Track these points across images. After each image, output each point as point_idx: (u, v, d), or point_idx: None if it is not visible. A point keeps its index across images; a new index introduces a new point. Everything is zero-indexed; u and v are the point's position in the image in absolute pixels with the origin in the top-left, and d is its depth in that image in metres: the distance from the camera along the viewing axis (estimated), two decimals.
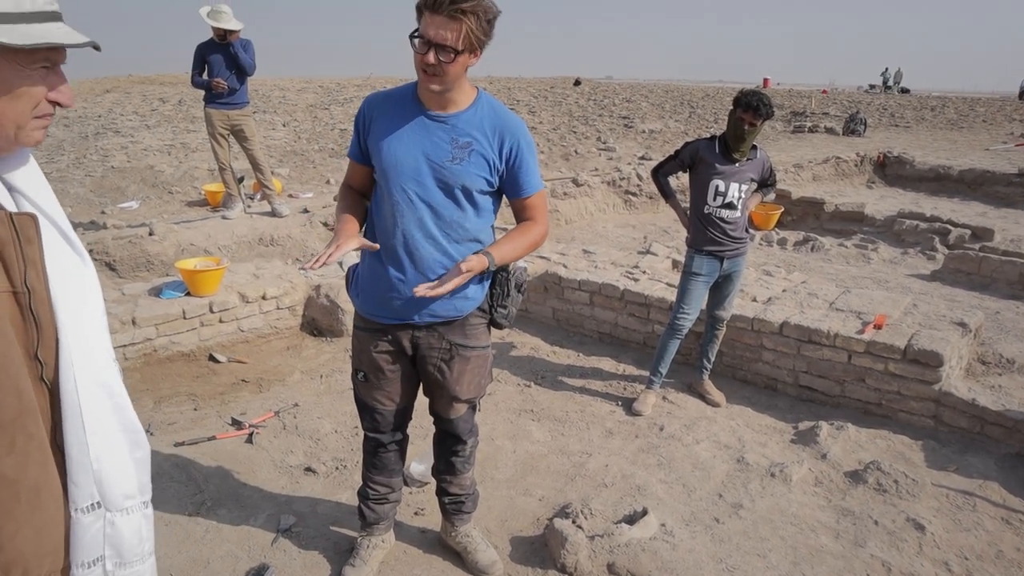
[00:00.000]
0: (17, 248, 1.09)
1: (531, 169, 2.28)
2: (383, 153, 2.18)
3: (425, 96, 2.17)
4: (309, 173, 10.36)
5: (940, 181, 11.25)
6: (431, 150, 2.16)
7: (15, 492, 1.10)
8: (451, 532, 2.82)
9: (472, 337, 2.41)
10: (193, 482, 3.31)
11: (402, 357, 2.43)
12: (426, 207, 2.19)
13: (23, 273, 1.09)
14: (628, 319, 5.08)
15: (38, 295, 1.12)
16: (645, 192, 9.77)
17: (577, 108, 20.81)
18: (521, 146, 2.23)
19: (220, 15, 6.67)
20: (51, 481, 1.16)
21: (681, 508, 3.22)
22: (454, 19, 1.94)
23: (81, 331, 1.18)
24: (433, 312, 2.31)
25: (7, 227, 1.08)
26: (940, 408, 3.93)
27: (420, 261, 2.23)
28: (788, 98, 26.77)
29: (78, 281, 1.20)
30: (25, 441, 1.11)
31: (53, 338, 1.14)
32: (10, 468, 1.09)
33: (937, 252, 7.51)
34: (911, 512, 3.18)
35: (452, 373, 2.41)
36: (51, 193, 1.21)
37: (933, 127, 19.13)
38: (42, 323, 1.12)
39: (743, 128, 3.74)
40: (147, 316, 4.50)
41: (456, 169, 2.17)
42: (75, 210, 8.04)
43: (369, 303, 2.36)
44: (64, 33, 1.12)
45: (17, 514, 1.11)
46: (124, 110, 16.53)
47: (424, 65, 2.01)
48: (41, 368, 1.13)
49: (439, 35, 1.95)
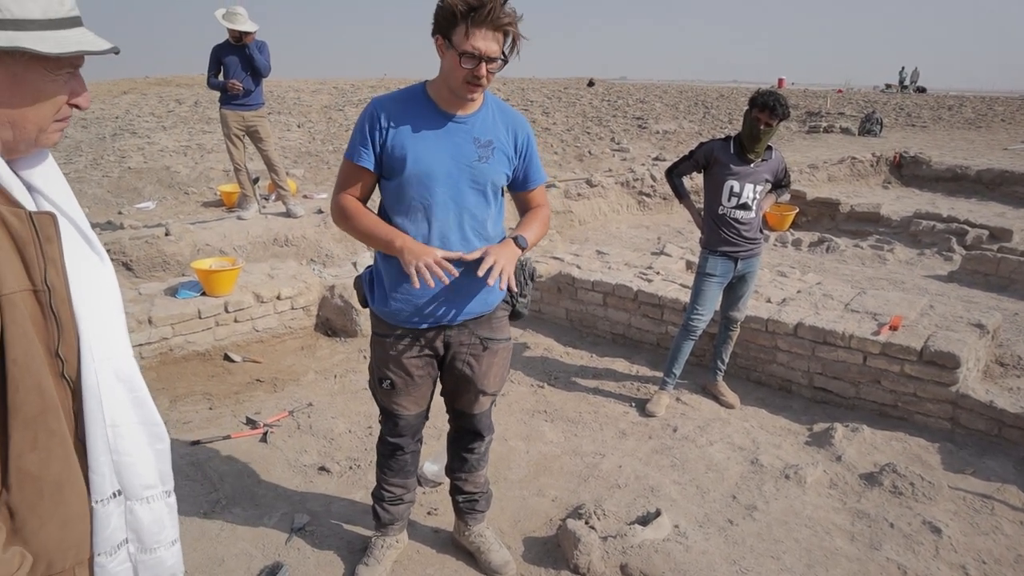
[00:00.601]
0: (37, 247, 1.10)
1: (538, 161, 2.40)
2: (412, 159, 2.15)
3: (443, 99, 2.17)
4: (323, 174, 10.40)
5: (957, 181, 11.15)
6: (459, 153, 2.19)
7: (39, 488, 1.12)
8: (464, 532, 2.83)
9: (498, 329, 2.46)
10: (208, 480, 3.33)
11: (433, 360, 2.45)
12: (463, 209, 2.23)
13: (43, 271, 1.10)
14: (641, 320, 5.07)
15: (58, 293, 1.13)
16: (659, 193, 9.75)
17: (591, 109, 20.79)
18: (530, 140, 2.34)
19: (235, 17, 6.72)
20: (74, 476, 1.18)
21: (695, 509, 3.21)
22: (500, 30, 2.00)
23: (101, 327, 1.20)
24: (469, 310, 2.34)
25: (27, 226, 1.09)
26: (957, 410, 3.89)
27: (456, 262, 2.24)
28: (803, 98, 26.60)
29: (97, 279, 1.22)
30: (47, 437, 1.12)
31: (73, 335, 1.16)
32: (33, 464, 1.11)
33: (954, 253, 7.45)
34: (927, 515, 3.15)
35: (481, 367, 2.45)
36: (70, 192, 1.23)
37: (950, 127, 18.97)
38: (62, 321, 1.14)
39: (759, 128, 3.72)
40: (163, 316, 4.53)
41: (484, 168, 2.21)
42: (92, 210, 8.12)
43: (404, 311, 2.31)
44: (92, 40, 1.14)
45: (41, 509, 1.13)
46: (141, 111, 16.67)
47: (474, 77, 2.04)
48: (62, 365, 1.15)
49: (489, 48, 2.00)
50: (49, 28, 1.08)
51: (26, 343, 1.08)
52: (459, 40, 1.99)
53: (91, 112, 15.64)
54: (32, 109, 1.12)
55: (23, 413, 1.09)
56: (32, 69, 1.10)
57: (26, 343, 1.08)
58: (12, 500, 1.10)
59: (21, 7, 1.05)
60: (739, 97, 26.55)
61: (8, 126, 1.11)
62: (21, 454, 1.10)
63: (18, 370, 1.07)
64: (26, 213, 1.09)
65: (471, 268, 2.23)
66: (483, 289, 2.32)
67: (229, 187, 8.41)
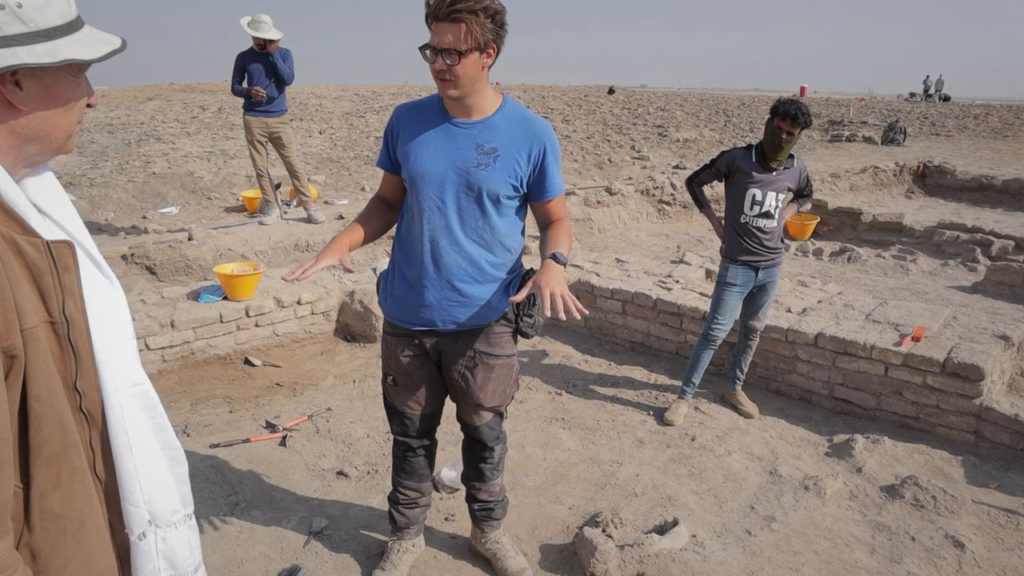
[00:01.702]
0: (55, 277, 1.06)
1: (556, 172, 2.30)
2: (410, 161, 2.22)
3: (449, 104, 2.19)
4: (344, 180, 10.47)
5: (983, 191, 11.00)
6: (456, 157, 2.18)
7: (62, 527, 1.09)
8: (481, 538, 2.83)
9: (496, 346, 2.42)
10: (228, 483, 3.36)
11: (428, 362, 2.45)
12: (453, 214, 2.22)
13: (61, 303, 1.07)
14: (660, 328, 5.05)
15: (77, 325, 1.09)
16: (679, 201, 9.72)
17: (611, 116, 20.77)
18: (547, 150, 2.24)
19: (260, 25, 6.80)
20: (95, 513, 1.15)
21: (712, 519, 3.19)
22: (454, 22, 1.97)
23: (118, 356, 1.16)
24: (456, 319, 2.32)
25: (44, 255, 1.05)
26: (981, 423, 3.84)
27: (445, 268, 2.25)
28: (826, 107, 26.43)
29: (110, 305, 1.18)
30: (70, 475, 1.09)
31: (91, 368, 1.12)
32: (57, 503, 1.08)
33: (979, 264, 7.35)
34: (950, 529, 3.11)
35: (476, 381, 2.43)
36: (75, 212, 1.19)
37: (976, 136, 18.74)
38: (80, 353, 1.10)
39: (780, 137, 3.70)
40: (185, 319, 4.59)
41: (482, 175, 2.18)
42: (117, 215, 8.23)
43: (396, 308, 2.39)
44: (106, 36, 1.13)
45: (64, 549, 1.10)
46: (166, 117, 16.88)
47: (435, 72, 2.05)
48: (80, 399, 1.11)
49: (442, 40, 1.99)
50: (70, 32, 1.06)
51: (48, 378, 1.04)
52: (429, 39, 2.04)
53: (117, 118, 15.87)
54: (63, 117, 1.10)
55: (46, 451, 1.05)
56: (61, 77, 1.08)
57: (48, 378, 1.04)
58: (35, 541, 1.07)
59: (44, 17, 1.03)
60: (760, 105, 26.42)
61: (36, 140, 1.09)
62: (44, 493, 1.06)
63: (41, 407, 1.03)
64: (43, 242, 1.05)
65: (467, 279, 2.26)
66: (480, 303, 2.31)
67: (251, 192, 8.50)
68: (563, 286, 2.03)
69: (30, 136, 1.07)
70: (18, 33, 1.00)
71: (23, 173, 1.11)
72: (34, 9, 1.01)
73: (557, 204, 2.36)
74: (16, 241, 1.02)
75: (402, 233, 2.36)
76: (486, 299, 2.31)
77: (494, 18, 2.02)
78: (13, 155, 1.07)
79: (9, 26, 0.99)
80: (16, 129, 1.06)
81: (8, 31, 0.99)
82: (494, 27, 2.03)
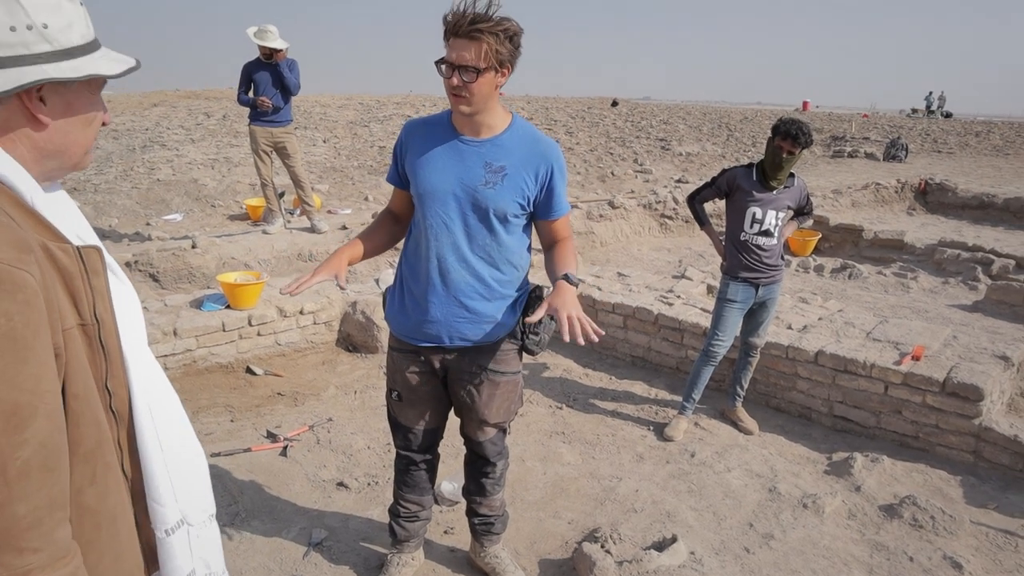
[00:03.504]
0: (85, 280, 1.11)
1: (562, 193, 2.33)
2: (418, 178, 2.24)
3: (459, 121, 2.21)
4: (348, 190, 10.51)
5: (984, 209, 11.04)
6: (464, 175, 2.20)
7: (97, 522, 1.12)
8: (480, 552, 2.84)
9: (503, 363, 2.43)
10: (228, 493, 3.37)
11: (433, 378, 2.46)
12: (460, 231, 2.24)
13: (92, 305, 1.12)
14: (661, 343, 5.07)
15: (107, 326, 1.15)
16: (681, 216, 9.74)
17: (614, 129, 20.84)
18: (554, 170, 2.26)
19: (266, 34, 6.86)
20: (125, 508, 1.19)
21: (711, 536, 3.20)
22: (473, 40, 1.99)
23: (143, 357, 1.22)
24: (464, 336, 2.34)
25: (75, 261, 1.10)
26: (980, 443, 3.85)
27: (453, 284, 2.27)
28: (828, 122, 26.51)
29: (128, 307, 1.23)
30: (104, 471, 1.13)
31: (120, 367, 1.17)
32: (92, 499, 1.11)
33: (979, 282, 7.36)
34: (948, 550, 3.12)
35: (482, 397, 2.44)
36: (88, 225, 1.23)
37: (977, 153, 18.79)
38: (110, 353, 1.15)
39: (781, 156, 3.73)
40: (188, 327, 4.61)
41: (489, 193, 2.20)
42: (122, 221, 8.26)
43: (403, 325, 2.40)
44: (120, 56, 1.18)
45: (98, 544, 1.13)
46: (170, 124, 16.95)
47: (450, 88, 2.06)
48: (110, 398, 1.16)
49: (460, 56, 2.01)
50: (89, 52, 1.12)
51: (84, 377, 1.09)
52: (446, 54, 2.06)
53: (122, 124, 15.93)
54: (82, 132, 1.15)
55: (83, 447, 1.09)
56: (81, 94, 1.13)
57: (84, 377, 1.09)
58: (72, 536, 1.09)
59: (67, 37, 1.08)
60: (763, 120, 26.50)
61: (56, 155, 1.13)
62: (81, 489, 1.10)
63: (79, 404, 1.08)
64: (73, 248, 1.10)
65: (474, 296, 2.28)
66: (488, 321, 2.33)
67: (255, 201, 8.53)
68: (578, 308, 2.05)
69: (51, 151, 1.12)
70: (44, 51, 1.05)
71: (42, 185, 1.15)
72: (58, 30, 1.07)
73: (562, 224, 2.38)
74: (49, 248, 1.06)
75: (409, 249, 2.38)
76: (493, 316, 2.33)
77: (512, 39, 2.05)
78: (36, 169, 1.11)
79: (36, 45, 1.05)
80: (39, 144, 1.11)
81: (35, 49, 1.05)
82: (511, 48, 2.06)
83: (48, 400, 0.99)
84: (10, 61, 1.03)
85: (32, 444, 0.96)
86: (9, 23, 1.02)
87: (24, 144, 1.09)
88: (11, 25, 1.02)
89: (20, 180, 1.07)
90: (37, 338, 0.97)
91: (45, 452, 0.98)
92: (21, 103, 1.06)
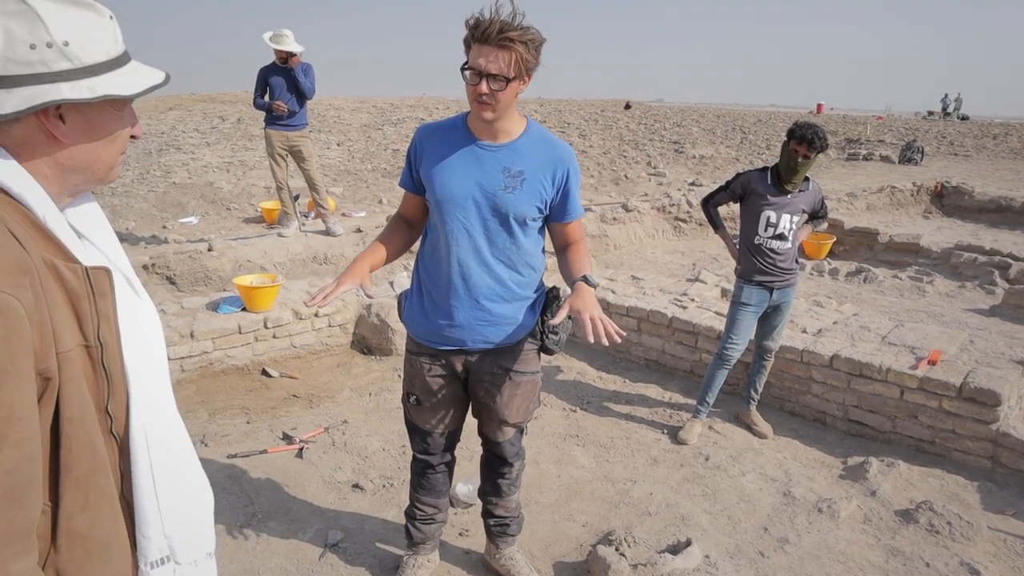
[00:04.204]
0: (91, 302, 1.09)
1: (577, 196, 2.36)
2: (436, 184, 2.23)
3: (476, 126, 2.22)
4: (362, 192, 10.57)
5: (1001, 212, 10.94)
6: (483, 180, 2.21)
7: (87, 549, 1.10)
8: (495, 554, 2.85)
9: (523, 363, 2.45)
10: (245, 494, 3.40)
11: (454, 381, 2.47)
12: (481, 236, 2.25)
13: (96, 327, 1.09)
14: (675, 347, 5.06)
15: (110, 349, 1.12)
16: (695, 219, 9.73)
17: (627, 132, 20.83)
18: (570, 174, 2.29)
19: (282, 38, 6.93)
20: (120, 535, 1.16)
21: (725, 540, 3.20)
22: (503, 48, 1.99)
23: (149, 383, 1.19)
24: (486, 338, 2.35)
25: (82, 281, 1.08)
26: (998, 449, 3.82)
27: (474, 288, 2.28)
28: (842, 124, 26.38)
29: (144, 330, 1.20)
30: (98, 497, 1.10)
31: (123, 391, 1.15)
32: (84, 524, 1.09)
33: (997, 286, 7.31)
34: (965, 556, 3.10)
35: (503, 397, 2.45)
36: (115, 238, 1.23)
37: (995, 156, 18.64)
38: (113, 377, 1.12)
39: (797, 160, 3.73)
40: (205, 330, 4.65)
41: (509, 198, 2.21)
42: (138, 224, 8.34)
43: (423, 329, 2.41)
44: (150, 71, 1.16)
45: (89, 570, 1.11)
46: (186, 127, 17.10)
47: (477, 95, 2.06)
48: (111, 421, 1.14)
49: (490, 65, 2.00)
50: (115, 68, 1.10)
51: (80, 400, 1.06)
52: (469, 59, 2.05)
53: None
54: (105, 149, 1.14)
55: (76, 472, 1.07)
56: (104, 111, 1.11)
57: (80, 400, 1.06)
58: (60, 561, 1.08)
59: (88, 54, 1.06)
60: (776, 122, 26.40)
61: (79, 170, 1.12)
62: (72, 515, 1.08)
63: (73, 428, 1.06)
64: (82, 268, 1.09)
65: (495, 298, 2.30)
66: (509, 322, 2.35)
67: (270, 204, 8.60)
68: (599, 309, 2.07)
69: (73, 167, 1.11)
70: (64, 69, 1.04)
71: (67, 201, 1.15)
72: (79, 47, 1.05)
73: (576, 226, 2.41)
74: (57, 266, 1.05)
75: (426, 254, 2.39)
76: (514, 317, 2.35)
77: (537, 49, 2.06)
78: (58, 185, 1.11)
79: (56, 63, 1.03)
80: (60, 160, 1.10)
81: (55, 67, 1.03)
82: (536, 57, 2.07)
83: (19, 428, 0.95)
84: (28, 79, 1.01)
85: None
86: (29, 40, 1.01)
87: (44, 160, 1.08)
88: (31, 43, 1.01)
89: (33, 197, 1.06)
90: (14, 364, 0.94)
91: (9, 482, 0.94)
92: (39, 121, 1.05)
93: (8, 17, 1.00)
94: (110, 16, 1.10)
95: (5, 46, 1.00)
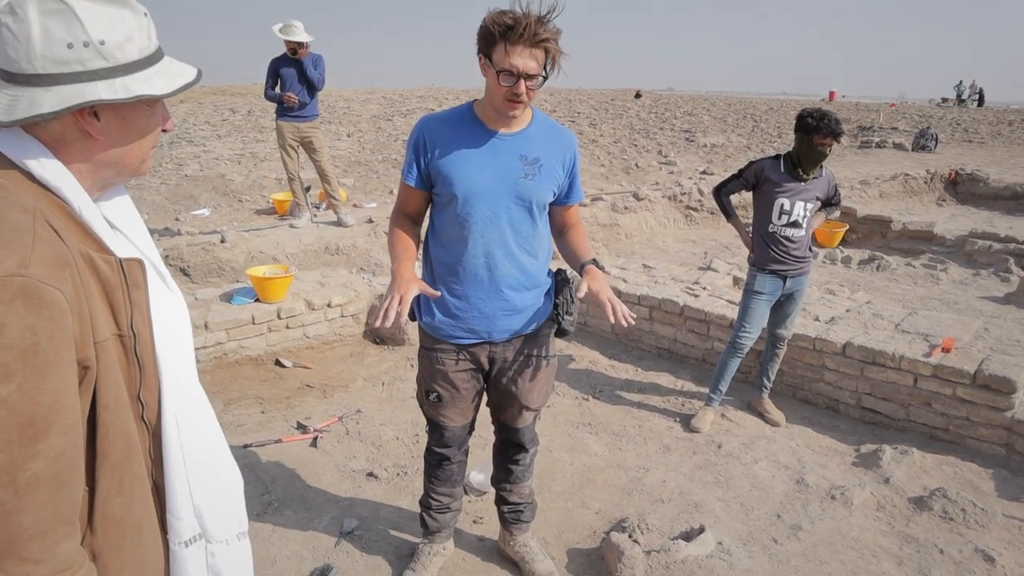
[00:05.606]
0: (125, 293, 1.12)
1: (579, 179, 2.44)
2: (456, 177, 2.19)
3: (489, 117, 2.21)
4: (373, 183, 10.59)
5: (1017, 200, 10.85)
6: (504, 169, 2.21)
7: (121, 531, 1.14)
8: (509, 541, 2.87)
9: (543, 346, 2.49)
10: (261, 483, 3.43)
11: (479, 374, 2.49)
12: (507, 225, 2.26)
13: (130, 317, 1.13)
14: (688, 335, 5.06)
15: (143, 339, 1.15)
16: (706, 207, 9.70)
17: (638, 121, 20.75)
18: (576, 158, 2.38)
19: (291, 29, 6.94)
20: (151, 518, 1.20)
21: (738, 527, 3.20)
22: (539, 47, 2.00)
23: (179, 370, 1.22)
24: (511, 328, 2.38)
25: (116, 272, 1.11)
26: (1012, 436, 3.81)
27: (499, 278, 2.29)
28: (855, 112, 26.17)
29: (174, 319, 1.24)
30: (131, 481, 1.14)
31: (154, 379, 1.18)
32: (118, 508, 1.13)
33: (1012, 274, 7.25)
34: (980, 542, 3.10)
35: (525, 383, 2.48)
36: (145, 229, 1.26)
37: (1010, 143, 18.45)
38: (145, 365, 1.16)
39: (823, 153, 3.74)
40: (219, 321, 4.68)
41: (530, 185, 2.23)
42: (151, 217, 8.40)
43: (445, 325, 2.36)
44: (184, 69, 1.18)
45: (123, 552, 1.15)
46: (197, 120, 17.15)
47: (512, 95, 2.05)
48: (143, 408, 1.17)
49: (527, 66, 2.00)
50: (148, 66, 1.11)
51: (116, 388, 1.10)
52: (498, 59, 2.01)
53: None
54: (137, 145, 1.16)
55: (111, 458, 1.11)
56: (138, 109, 1.14)
57: (116, 388, 1.10)
58: (96, 543, 1.12)
59: (123, 53, 1.08)
60: (788, 110, 26.22)
61: (112, 165, 1.15)
62: (107, 498, 1.12)
63: (108, 415, 1.09)
64: (116, 260, 1.12)
65: (518, 287, 2.32)
66: (530, 309, 2.38)
67: (282, 195, 8.63)
68: (609, 289, 2.19)
69: (107, 162, 1.14)
70: (100, 68, 1.06)
71: (98, 194, 1.18)
72: (115, 46, 1.07)
73: (576, 209, 2.51)
74: (92, 258, 1.08)
75: (439, 249, 2.34)
76: (535, 303, 2.39)
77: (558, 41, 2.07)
78: (91, 179, 1.14)
79: (92, 61, 1.05)
80: (94, 156, 1.12)
81: (91, 66, 1.05)
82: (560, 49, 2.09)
83: (65, 416, 0.99)
84: (65, 78, 1.04)
85: (44, 458, 0.96)
86: (67, 39, 1.02)
87: (79, 156, 1.11)
88: (68, 42, 1.02)
89: (70, 191, 1.09)
90: (59, 354, 0.97)
91: (56, 467, 0.98)
92: (75, 119, 1.07)
93: (47, 16, 1.02)
94: (145, 13, 1.12)
95: (43, 45, 1.02)
